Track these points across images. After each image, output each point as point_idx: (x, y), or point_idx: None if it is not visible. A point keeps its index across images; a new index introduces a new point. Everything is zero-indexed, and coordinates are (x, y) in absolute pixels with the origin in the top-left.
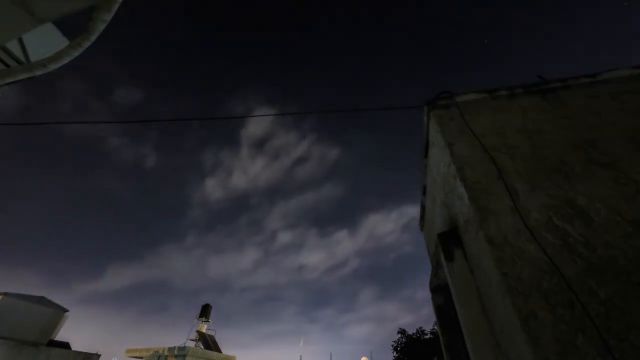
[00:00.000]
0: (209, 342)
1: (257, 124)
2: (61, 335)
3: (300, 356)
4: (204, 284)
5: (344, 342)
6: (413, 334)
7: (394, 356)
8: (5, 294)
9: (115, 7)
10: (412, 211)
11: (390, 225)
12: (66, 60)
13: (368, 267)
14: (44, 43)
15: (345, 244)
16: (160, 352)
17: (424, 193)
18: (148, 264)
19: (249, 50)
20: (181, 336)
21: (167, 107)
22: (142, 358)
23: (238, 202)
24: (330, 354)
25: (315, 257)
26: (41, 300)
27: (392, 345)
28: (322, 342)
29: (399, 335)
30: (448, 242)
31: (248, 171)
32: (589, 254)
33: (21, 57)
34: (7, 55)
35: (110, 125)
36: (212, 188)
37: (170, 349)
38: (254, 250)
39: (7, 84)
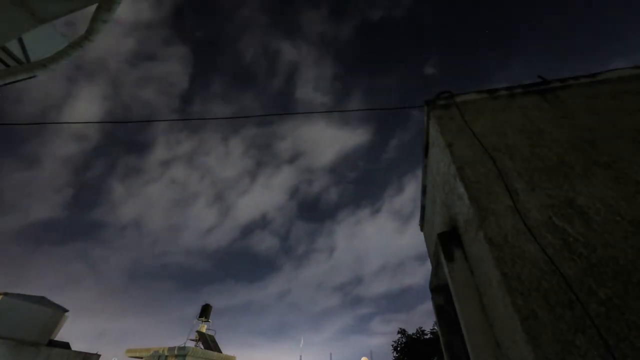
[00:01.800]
0: (209, 342)
1: (400, 198)
2: (61, 335)
3: (300, 356)
4: (276, 304)
5: (344, 343)
6: (413, 334)
7: (394, 356)
8: (5, 294)
9: (116, 7)
10: None
11: None
12: (66, 60)
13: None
14: (44, 43)
15: (416, 274)
16: (160, 352)
17: (424, 193)
18: (255, 291)
19: None
20: (181, 336)
21: None
22: (142, 358)
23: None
24: (330, 354)
25: (382, 286)
26: (41, 300)
27: (392, 345)
28: (323, 342)
29: (399, 335)
30: (448, 242)
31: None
32: (589, 254)
33: (21, 57)
34: (7, 55)
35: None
36: (339, 242)
37: (170, 349)
38: (338, 280)
39: (7, 84)
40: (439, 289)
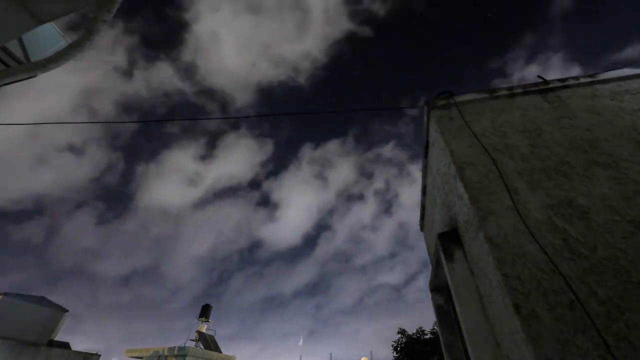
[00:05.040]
0: (209, 342)
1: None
2: (61, 335)
3: (300, 356)
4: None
5: (344, 342)
6: (413, 334)
7: (394, 356)
8: (5, 294)
9: (115, 7)
10: None
11: None
12: (66, 60)
13: None
14: (44, 43)
15: None
16: (160, 352)
17: (424, 193)
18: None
19: None
20: (181, 336)
21: None
22: (142, 358)
23: None
24: (331, 354)
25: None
26: (41, 300)
27: (392, 345)
28: (323, 342)
29: (399, 336)
30: (448, 242)
31: None
32: (589, 254)
33: (21, 57)
34: (7, 55)
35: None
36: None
37: (170, 349)
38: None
39: (7, 83)
40: (439, 289)
